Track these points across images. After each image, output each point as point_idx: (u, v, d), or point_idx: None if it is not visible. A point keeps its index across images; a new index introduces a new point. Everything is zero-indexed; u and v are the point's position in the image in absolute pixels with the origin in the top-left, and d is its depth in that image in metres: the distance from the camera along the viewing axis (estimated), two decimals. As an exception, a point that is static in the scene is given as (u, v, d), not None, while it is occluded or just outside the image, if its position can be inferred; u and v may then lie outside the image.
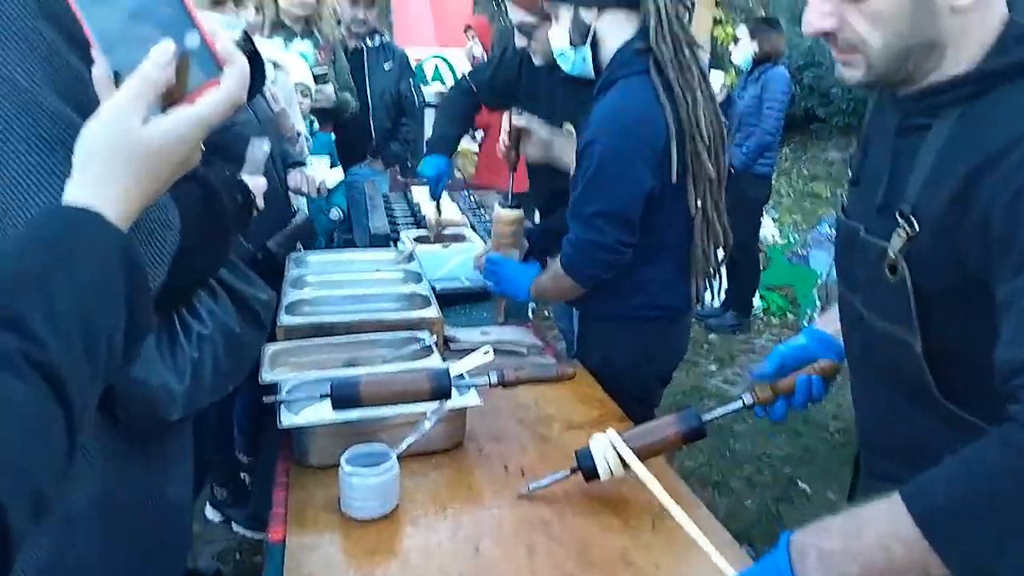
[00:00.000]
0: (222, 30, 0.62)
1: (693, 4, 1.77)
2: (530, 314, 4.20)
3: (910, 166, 0.87)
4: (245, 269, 1.21)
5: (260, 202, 1.39)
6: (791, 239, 5.59)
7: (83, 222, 0.54)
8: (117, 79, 0.59)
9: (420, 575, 1.05)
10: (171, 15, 0.59)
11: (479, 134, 4.93)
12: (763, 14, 5.83)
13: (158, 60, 0.58)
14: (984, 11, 0.81)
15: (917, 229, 0.84)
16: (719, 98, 4.87)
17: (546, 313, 3.97)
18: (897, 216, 0.86)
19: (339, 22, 3.66)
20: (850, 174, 1.06)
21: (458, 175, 4.71)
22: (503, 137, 1.95)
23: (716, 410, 1.26)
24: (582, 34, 1.64)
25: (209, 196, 1.03)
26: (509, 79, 2.75)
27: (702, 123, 1.57)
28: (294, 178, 2.28)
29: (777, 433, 3.26)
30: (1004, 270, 0.76)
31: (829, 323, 1.22)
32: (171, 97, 0.60)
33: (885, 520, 0.74)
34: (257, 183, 1.37)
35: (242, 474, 2.56)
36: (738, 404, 1.25)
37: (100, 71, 0.61)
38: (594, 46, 1.65)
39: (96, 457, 0.92)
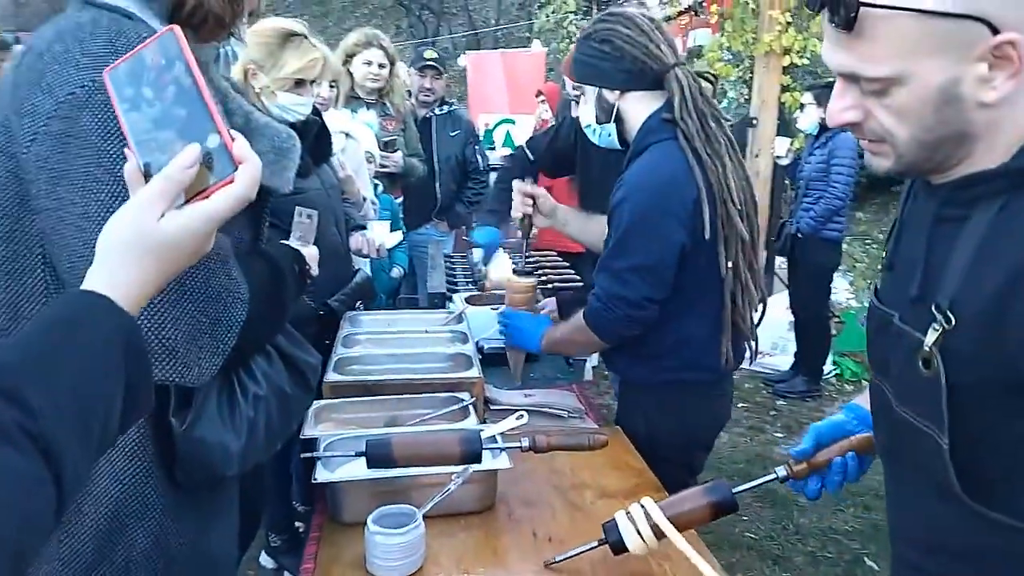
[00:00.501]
0: (241, 138, 0.69)
1: (716, 78, 1.81)
2: (589, 373, 4.20)
3: (947, 257, 0.84)
4: (296, 334, 1.28)
5: (314, 270, 1.48)
6: (866, 303, 5.39)
7: (93, 306, 0.60)
8: (147, 172, 0.67)
9: (435, 639, 1.06)
10: (196, 118, 0.67)
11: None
12: (829, 80, 5.78)
13: (183, 162, 0.65)
14: (1016, 105, 0.79)
15: (954, 323, 0.81)
16: (785, 162, 4.85)
17: (605, 373, 3.96)
18: (934, 309, 0.83)
19: (409, 93, 3.87)
20: (884, 257, 1.04)
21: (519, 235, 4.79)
22: (516, 203, 2.01)
23: (748, 483, 1.23)
24: (607, 112, 1.71)
25: (274, 272, 1.14)
26: (565, 147, 2.83)
27: (732, 187, 1.59)
28: (355, 240, 2.40)
29: (845, 508, 3.11)
30: None
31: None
32: (192, 191, 0.67)
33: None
34: (310, 253, 1.46)
35: (297, 523, 2.62)
36: (771, 476, 1.22)
37: (131, 166, 0.69)
38: (619, 121, 1.71)
39: (155, 509, 0.99)
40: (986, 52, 0.74)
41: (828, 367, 4.53)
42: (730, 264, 1.64)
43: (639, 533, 1.16)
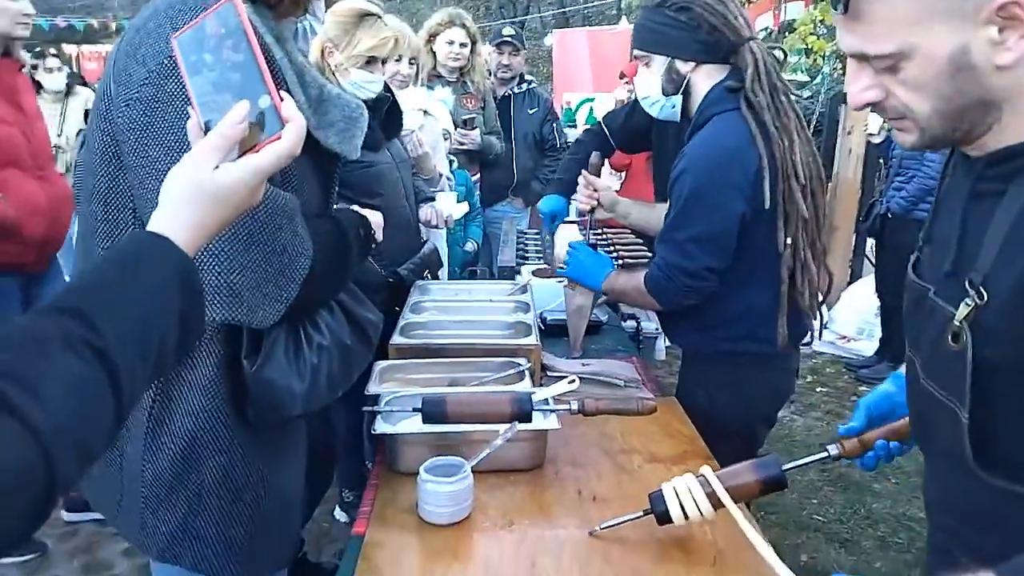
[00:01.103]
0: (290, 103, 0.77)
1: (786, 54, 1.78)
2: (662, 352, 4.18)
3: (982, 232, 0.83)
4: (359, 293, 1.38)
5: (379, 235, 1.58)
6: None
7: (154, 245, 0.69)
8: (206, 129, 0.76)
9: (476, 579, 1.13)
10: (250, 80, 0.75)
11: (621, 175, 5.00)
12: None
13: (234, 119, 0.73)
14: None
15: (986, 299, 0.80)
16: (878, 140, 4.64)
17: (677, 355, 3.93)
18: (967, 285, 0.83)
19: (490, 72, 3.92)
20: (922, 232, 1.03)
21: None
22: (580, 196, 2.04)
23: (799, 460, 1.24)
24: (676, 84, 1.70)
25: (340, 233, 1.24)
26: (643, 123, 2.83)
27: (799, 164, 1.57)
28: (424, 212, 2.49)
29: (920, 495, 3.00)
30: None
31: None
32: (245, 146, 0.75)
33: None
34: (375, 219, 1.56)
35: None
36: (822, 455, 1.23)
37: (193, 123, 0.78)
38: (685, 93, 1.70)
39: (224, 443, 1.11)
40: (992, 14, 0.73)
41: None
42: (788, 240, 1.63)
43: (682, 507, 1.17)
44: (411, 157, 2.78)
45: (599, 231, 3.54)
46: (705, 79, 1.68)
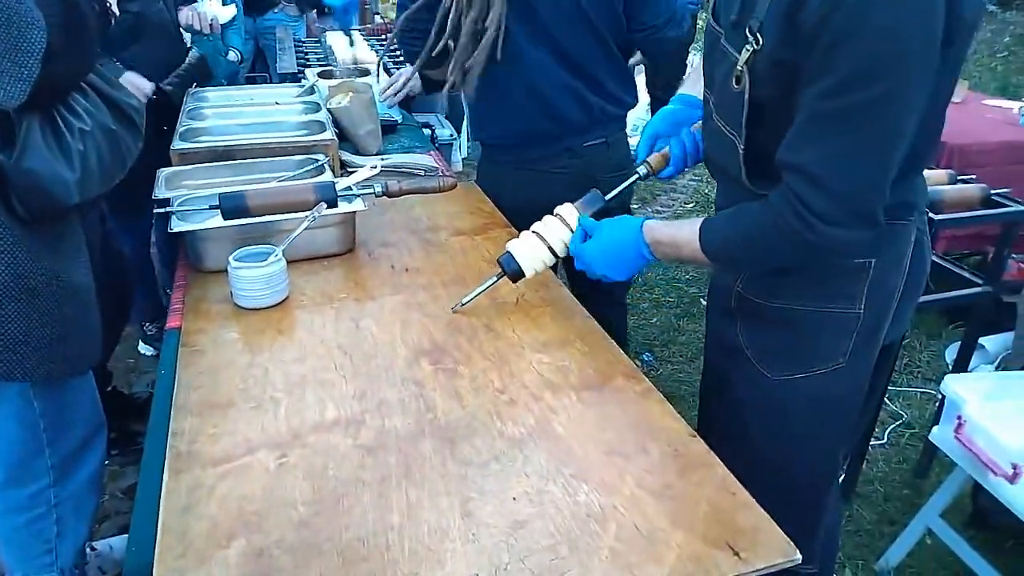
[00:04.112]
0: None
1: None
2: (459, 165, 4.26)
3: None
4: (112, 78, 1.26)
5: (115, 8, 1.43)
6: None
7: None
8: None
9: (303, 345, 1.18)
10: None
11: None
12: None
13: None
14: None
15: (761, 44, 0.91)
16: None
17: (474, 163, 4.02)
18: (747, 32, 0.93)
19: None
20: None
21: (379, 19, 4.57)
22: None
23: (616, 188, 1.33)
24: None
25: (71, 3, 1.09)
26: None
27: None
28: (185, 15, 2.22)
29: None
30: (802, 77, 0.87)
31: (694, 86, 1.31)
32: None
33: (692, 252, 1.08)
34: None
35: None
36: (634, 177, 1.33)
37: None
38: None
39: (5, 243, 1.03)
40: None
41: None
42: None
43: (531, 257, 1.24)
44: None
45: (383, 37, 3.41)
46: None
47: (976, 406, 1.55)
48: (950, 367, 2.54)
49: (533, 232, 1.27)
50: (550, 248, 1.25)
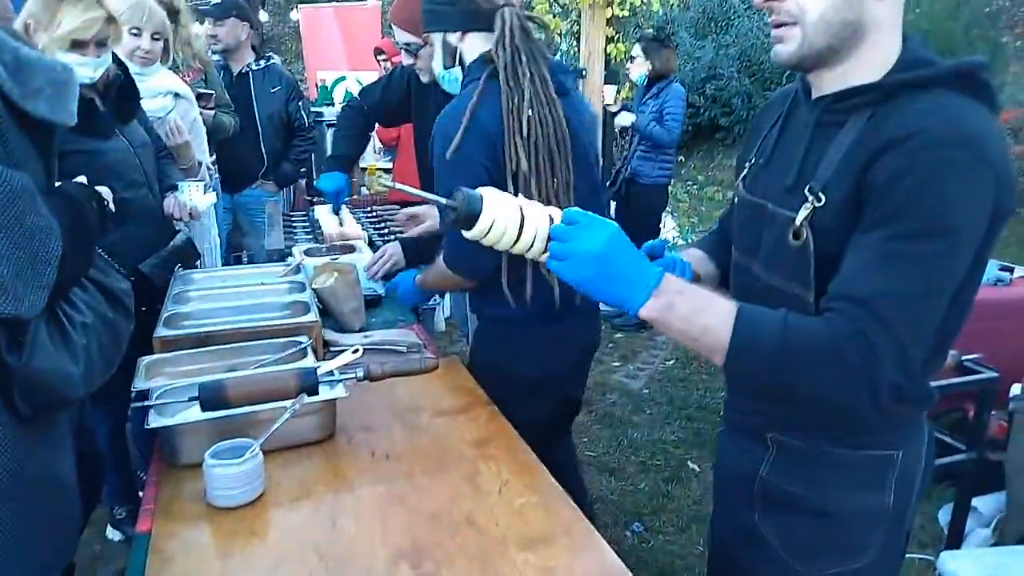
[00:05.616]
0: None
1: (543, 23, 1.93)
2: (442, 325, 4.31)
3: (823, 154, 1.04)
4: (101, 262, 1.31)
5: (111, 206, 1.51)
6: (687, 240, 5.91)
7: None
8: None
9: (279, 550, 1.14)
10: None
11: (390, 152, 5.03)
12: (655, 32, 6.10)
13: None
14: (892, 28, 1.00)
15: (824, 202, 1.01)
16: (615, 109, 5.11)
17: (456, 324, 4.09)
18: (806, 192, 1.03)
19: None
20: (752, 159, 1.22)
21: (365, 191, 4.79)
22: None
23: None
24: (452, 56, 1.78)
25: (75, 207, 1.16)
26: (399, 97, 2.87)
27: (523, 122, 1.64)
28: (168, 203, 2.30)
29: (672, 421, 3.46)
30: (864, 223, 0.96)
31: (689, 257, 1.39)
32: None
33: (716, 324, 0.98)
34: (104, 190, 1.50)
35: (140, 492, 2.56)
36: None
37: None
38: (462, 64, 1.78)
39: (6, 444, 1.03)
40: None
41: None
42: (519, 194, 1.73)
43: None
44: (170, 146, 2.57)
45: (370, 211, 3.56)
46: (473, 48, 1.75)
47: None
48: (945, 531, 2.47)
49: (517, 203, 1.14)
50: (522, 222, 1.08)
